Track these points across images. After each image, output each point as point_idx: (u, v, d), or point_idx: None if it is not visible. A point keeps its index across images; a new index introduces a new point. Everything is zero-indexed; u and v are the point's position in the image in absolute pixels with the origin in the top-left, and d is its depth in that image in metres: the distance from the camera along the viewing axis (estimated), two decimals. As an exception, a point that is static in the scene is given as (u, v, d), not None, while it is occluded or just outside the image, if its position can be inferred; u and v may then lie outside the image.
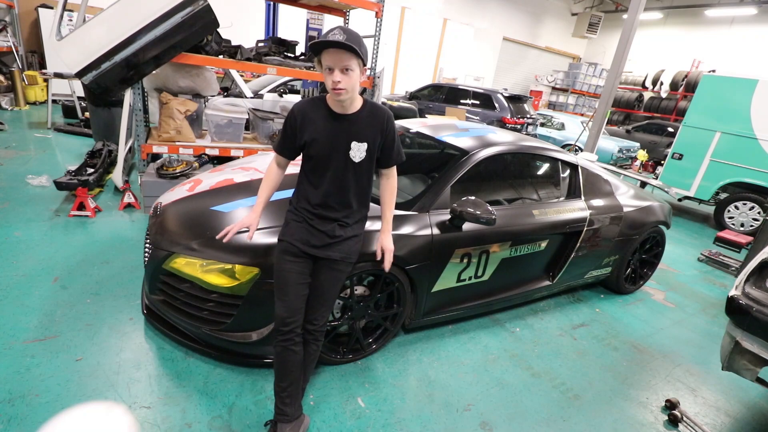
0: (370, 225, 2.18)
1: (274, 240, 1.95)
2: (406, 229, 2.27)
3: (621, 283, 3.62)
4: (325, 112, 1.72)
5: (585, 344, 2.89)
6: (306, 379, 1.90)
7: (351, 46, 1.50)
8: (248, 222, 1.79)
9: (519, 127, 8.61)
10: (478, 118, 8.69)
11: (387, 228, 1.96)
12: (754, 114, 5.72)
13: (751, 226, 5.84)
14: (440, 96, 9.76)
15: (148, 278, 2.23)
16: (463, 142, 2.81)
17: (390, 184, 1.92)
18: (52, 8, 8.48)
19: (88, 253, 3.10)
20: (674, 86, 13.89)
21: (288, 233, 1.79)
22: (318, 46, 1.55)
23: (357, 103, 1.72)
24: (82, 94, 7.08)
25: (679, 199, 6.81)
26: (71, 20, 7.50)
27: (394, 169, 1.91)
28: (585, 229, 3.05)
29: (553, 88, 17.54)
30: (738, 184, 6.00)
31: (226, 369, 2.17)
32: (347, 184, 1.77)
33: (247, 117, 4.62)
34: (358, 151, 1.73)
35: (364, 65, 1.62)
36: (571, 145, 9.31)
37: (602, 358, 2.77)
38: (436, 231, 2.35)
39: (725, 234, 5.09)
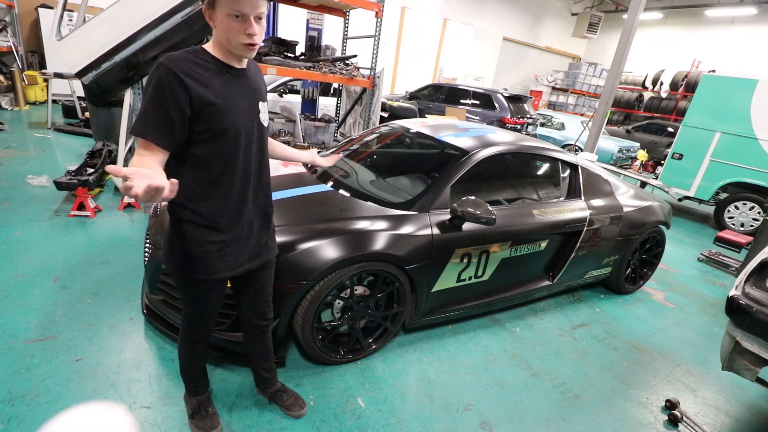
0: (371, 225, 2.19)
1: (281, 239, 1.95)
2: (406, 229, 2.27)
3: (621, 283, 3.62)
4: (217, 67, 1.27)
5: (585, 344, 2.89)
6: (272, 367, 1.93)
7: None
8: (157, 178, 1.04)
9: (519, 127, 8.61)
10: (478, 118, 8.69)
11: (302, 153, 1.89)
12: (754, 114, 5.72)
13: (751, 226, 5.84)
14: (440, 96, 9.76)
15: (148, 278, 2.23)
16: (463, 142, 2.81)
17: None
18: (52, 8, 8.48)
19: (88, 253, 3.10)
20: (674, 86, 13.88)
21: (215, 268, 1.40)
22: None
23: None
24: (82, 94, 7.07)
25: (679, 199, 6.81)
26: (71, 20, 7.50)
27: None
28: (585, 229, 3.05)
29: (553, 88, 17.54)
30: (738, 184, 6.00)
31: (226, 369, 2.17)
32: (264, 160, 1.43)
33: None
34: (264, 113, 1.40)
35: None
36: (571, 145, 9.31)
37: (602, 358, 2.77)
38: (436, 231, 2.35)
39: (725, 234, 5.09)
